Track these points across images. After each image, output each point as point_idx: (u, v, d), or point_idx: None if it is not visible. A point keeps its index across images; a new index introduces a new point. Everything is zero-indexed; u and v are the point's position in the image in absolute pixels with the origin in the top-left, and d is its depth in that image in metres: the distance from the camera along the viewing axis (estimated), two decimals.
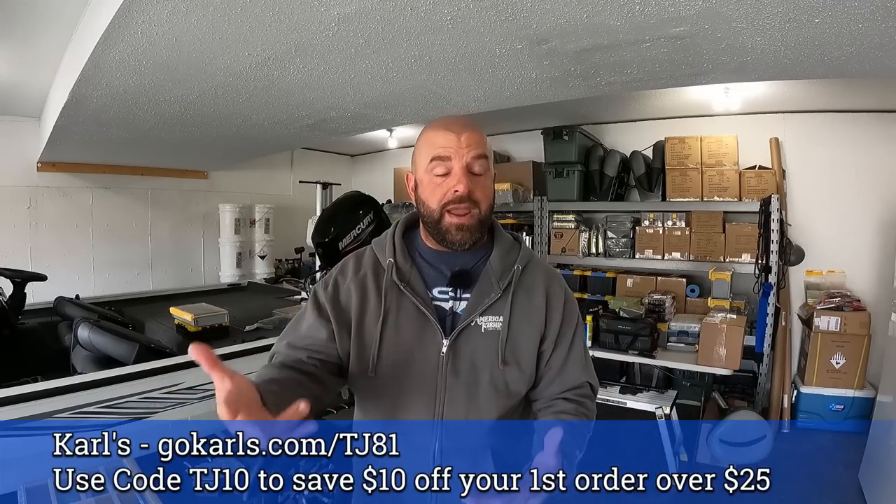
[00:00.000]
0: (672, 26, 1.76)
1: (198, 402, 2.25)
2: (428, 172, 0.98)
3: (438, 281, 1.02)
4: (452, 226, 0.96)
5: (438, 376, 0.97)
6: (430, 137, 0.98)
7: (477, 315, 0.98)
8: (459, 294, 1.00)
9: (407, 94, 2.65)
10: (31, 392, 1.85)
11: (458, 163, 0.95)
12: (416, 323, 0.98)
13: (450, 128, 0.97)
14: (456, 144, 0.95)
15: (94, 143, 3.56)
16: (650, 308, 3.64)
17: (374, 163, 6.57)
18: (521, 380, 1.01)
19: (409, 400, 0.98)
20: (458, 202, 0.95)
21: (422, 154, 1.00)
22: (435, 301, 1.00)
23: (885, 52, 1.87)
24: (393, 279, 0.99)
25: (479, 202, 0.97)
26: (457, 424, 0.98)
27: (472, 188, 0.96)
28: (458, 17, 1.71)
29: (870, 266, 3.72)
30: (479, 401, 0.98)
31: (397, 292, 0.99)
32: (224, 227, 5.18)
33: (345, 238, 3.42)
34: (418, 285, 1.00)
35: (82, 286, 4.16)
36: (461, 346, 0.98)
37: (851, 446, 3.26)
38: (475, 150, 0.96)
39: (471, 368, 0.98)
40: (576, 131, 4.24)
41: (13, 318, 2.81)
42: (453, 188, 0.95)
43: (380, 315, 0.98)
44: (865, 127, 3.71)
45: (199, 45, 1.93)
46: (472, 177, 0.96)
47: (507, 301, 0.99)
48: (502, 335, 0.98)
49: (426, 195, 0.99)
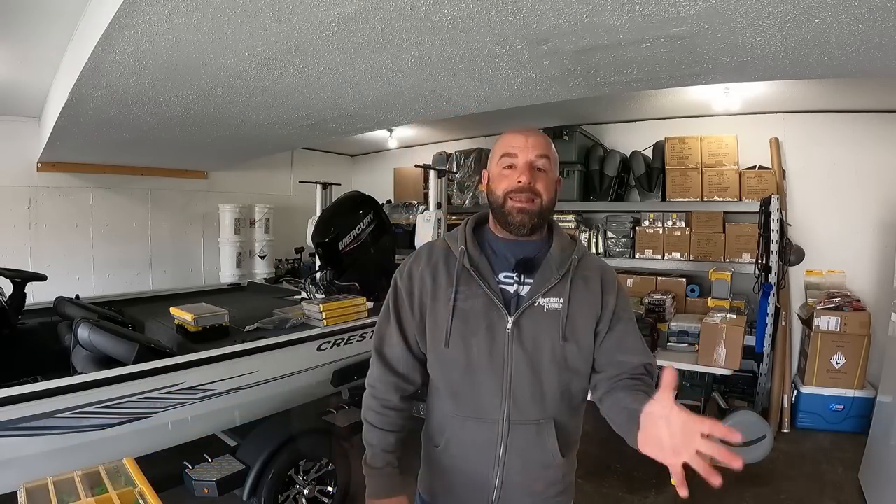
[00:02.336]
0: (672, 26, 1.76)
1: (198, 402, 2.25)
2: (498, 167, 1.13)
3: (505, 267, 1.15)
4: (514, 209, 1.10)
5: (505, 351, 1.09)
6: (504, 140, 1.15)
7: (539, 296, 1.10)
8: (523, 279, 1.12)
9: (407, 94, 2.65)
10: (31, 392, 1.84)
11: (522, 158, 1.10)
12: (483, 302, 1.10)
13: (520, 132, 1.13)
14: (523, 144, 1.11)
15: (94, 143, 3.56)
16: (650, 308, 3.64)
17: (374, 163, 6.57)
18: (580, 356, 1.12)
19: (479, 369, 1.10)
20: (520, 191, 1.09)
21: (495, 153, 1.16)
22: (501, 285, 1.13)
23: (885, 52, 1.87)
24: (464, 264, 1.13)
25: (540, 193, 1.11)
26: (523, 397, 1.09)
27: (534, 180, 1.10)
28: (458, 17, 1.71)
29: (870, 266, 3.73)
30: (541, 374, 1.09)
31: (467, 276, 1.13)
32: (224, 227, 5.19)
33: (345, 238, 3.43)
34: (486, 270, 1.13)
35: (82, 286, 4.16)
36: (525, 323, 1.09)
37: (851, 446, 3.26)
38: (539, 150, 1.11)
39: (534, 344, 1.09)
40: (576, 131, 4.25)
41: (13, 318, 2.81)
42: (517, 178, 1.10)
43: (451, 295, 1.11)
44: (865, 127, 3.71)
45: (199, 45, 1.93)
46: (534, 171, 1.11)
47: (567, 285, 1.11)
48: (563, 314, 1.09)
49: (495, 184, 1.14)
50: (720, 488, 0.76)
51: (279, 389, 2.50)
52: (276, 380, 2.47)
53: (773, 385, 3.72)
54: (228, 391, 2.34)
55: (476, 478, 1.12)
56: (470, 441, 1.12)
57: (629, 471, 3.07)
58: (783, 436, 3.62)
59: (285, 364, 2.56)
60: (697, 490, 0.87)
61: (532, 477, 1.12)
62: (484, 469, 1.11)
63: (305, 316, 2.90)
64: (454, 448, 1.14)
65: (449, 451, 1.15)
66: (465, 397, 1.12)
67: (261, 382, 2.45)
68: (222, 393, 2.32)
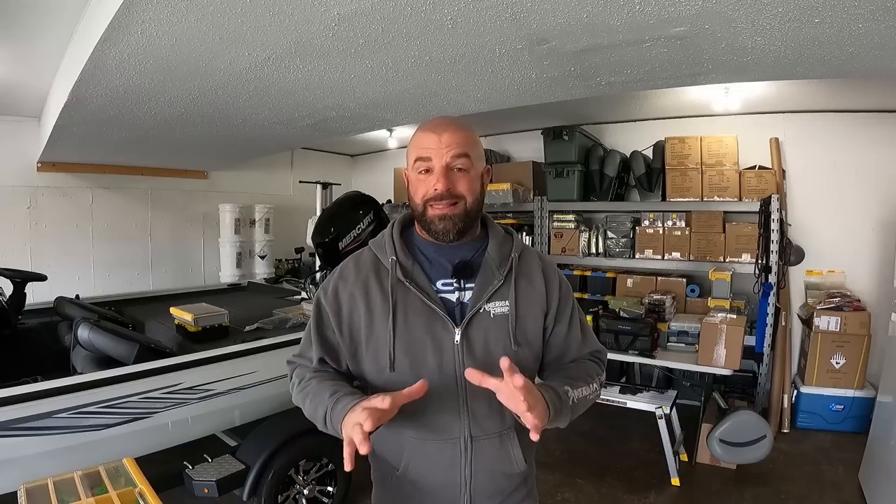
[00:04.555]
0: (672, 26, 1.76)
1: (198, 403, 2.25)
2: (414, 171, 1.05)
3: (441, 274, 1.06)
4: (435, 216, 1.03)
5: (456, 364, 1.01)
6: (417, 139, 1.05)
7: (484, 302, 1.03)
8: (463, 284, 1.05)
9: (407, 94, 2.65)
10: (31, 392, 1.84)
11: (438, 162, 1.01)
12: (424, 316, 1.02)
13: (433, 129, 1.03)
14: (437, 145, 1.01)
15: (94, 143, 3.56)
16: (650, 308, 3.64)
17: (374, 163, 6.57)
18: (531, 357, 1.08)
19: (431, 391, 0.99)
20: (438, 199, 1.01)
21: (410, 154, 1.06)
22: (440, 294, 1.05)
23: (885, 52, 1.87)
24: (397, 277, 1.03)
25: (462, 195, 1.02)
26: (481, 411, 1.03)
27: (452, 184, 1.01)
28: (458, 17, 1.71)
29: (870, 266, 3.73)
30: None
31: (402, 289, 1.03)
32: (224, 227, 5.19)
33: (345, 238, 3.42)
34: (422, 280, 1.04)
35: (82, 286, 4.16)
36: (473, 332, 1.03)
37: (851, 446, 3.26)
38: (455, 149, 1.01)
39: (485, 354, 1.02)
40: (576, 131, 4.24)
41: (13, 318, 2.81)
42: (433, 186, 1.01)
43: (388, 313, 1.02)
44: (865, 127, 3.71)
45: (199, 45, 1.93)
46: (452, 174, 1.01)
47: (511, 286, 1.05)
48: (511, 318, 1.04)
49: (413, 191, 1.06)
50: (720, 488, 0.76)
51: (279, 389, 2.50)
52: (276, 380, 2.48)
53: (773, 385, 3.72)
54: (228, 391, 2.35)
55: (443, 501, 1.07)
56: (432, 463, 1.05)
57: (629, 471, 3.07)
58: (783, 436, 3.62)
59: (285, 364, 2.56)
60: (698, 490, 0.87)
61: (499, 489, 1.08)
62: (451, 491, 1.06)
63: (305, 316, 2.90)
64: (415, 471, 1.06)
65: (409, 475, 1.06)
66: (421, 419, 1.02)
67: (261, 382, 2.46)
68: (222, 393, 2.33)
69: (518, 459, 1.08)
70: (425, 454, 1.05)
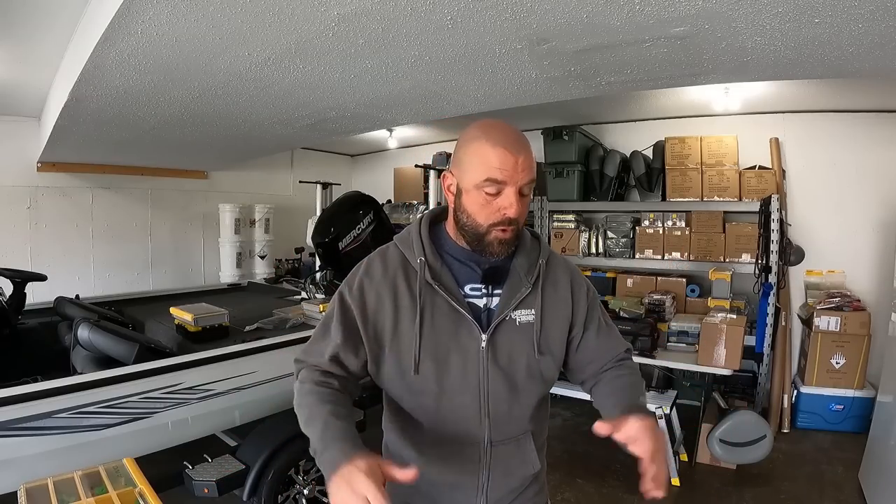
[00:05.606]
0: (672, 26, 1.76)
1: (198, 403, 2.25)
2: (478, 188, 0.95)
3: (469, 278, 1.04)
4: (496, 240, 0.98)
5: (480, 369, 1.01)
6: (488, 156, 0.94)
7: (511, 309, 1.02)
8: (491, 290, 1.04)
9: (407, 94, 2.65)
10: (31, 392, 1.84)
11: (512, 187, 0.94)
12: (451, 320, 1.01)
13: (509, 148, 0.93)
14: (513, 168, 0.93)
15: (94, 143, 3.56)
16: (650, 308, 3.64)
17: (374, 163, 6.57)
18: (554, 367, 1.09)
19: (454, 394, 1.01)
20: (507, 224, 0.96)
21: (475, 168, 0.95)
22: (468, 298, 1.03)
23: (885, 52, 1.87)
24: (426, 279, 1.00)
25: (520, 220, 0.99)
26: (502, 416, 1.03)
27: (522, 211, 0.97)
28: (458, 17, 1.71)
29: (870, 266, 3.73)
30: (518, 390, 1.03)
31: (430, 291, 1.01)
32: (224, 227, 5.19)
33: (345, 238, 3.42)
34: (450, 283, 1.02)
35: (82, 286, 4.16)
36: (499, 339, 1.02)
37: (851, 446, 3.26)
38: (529, 174, 0.95)
39: (510, 361, 1.02)
40: (576, 131, 4.24)
41: (13, 318, 2.81)
42: (504, 211, 0.95)
43: (416, 315, 0.99)
44: (865, 127, 3.71)
45: (199, 45, 1.93)
46: (521, 199, 0.96)
47: (538, 295, 1.04)
48: (536, 327, 1.03)
49: (473, 209, 0.98)
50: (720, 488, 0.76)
51: (279, 389, 2.50)
52: (276, 380, 2.48)
53: (773, 385, 3.72)
54: (228, 391, 2.35)
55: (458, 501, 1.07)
56: (451, 465, 1.04)
57: (629, 471, 3.06)
58: (783, 436, 3.62)
59: (285, 364, 2.54)
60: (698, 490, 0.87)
61: (514, 488, 1.10)
62: (467, 494, 1.06)
63: (305, 316, 2.90)
64: (433, 471, 1.04)
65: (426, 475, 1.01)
66: (442, 424, 1.03)
67: (261, 382, 2.45)
68: (222, 393, 2.32)
69: (533, 460, 1.09)
70: (444, 457, 1.04)
